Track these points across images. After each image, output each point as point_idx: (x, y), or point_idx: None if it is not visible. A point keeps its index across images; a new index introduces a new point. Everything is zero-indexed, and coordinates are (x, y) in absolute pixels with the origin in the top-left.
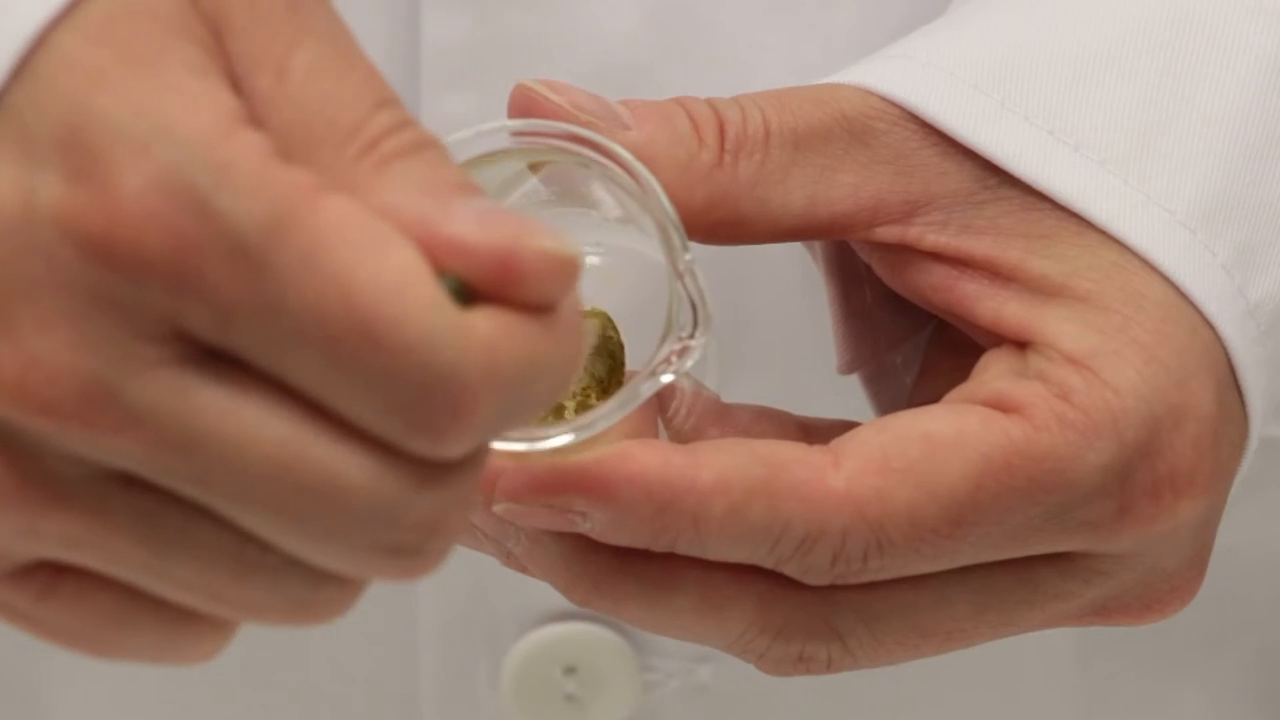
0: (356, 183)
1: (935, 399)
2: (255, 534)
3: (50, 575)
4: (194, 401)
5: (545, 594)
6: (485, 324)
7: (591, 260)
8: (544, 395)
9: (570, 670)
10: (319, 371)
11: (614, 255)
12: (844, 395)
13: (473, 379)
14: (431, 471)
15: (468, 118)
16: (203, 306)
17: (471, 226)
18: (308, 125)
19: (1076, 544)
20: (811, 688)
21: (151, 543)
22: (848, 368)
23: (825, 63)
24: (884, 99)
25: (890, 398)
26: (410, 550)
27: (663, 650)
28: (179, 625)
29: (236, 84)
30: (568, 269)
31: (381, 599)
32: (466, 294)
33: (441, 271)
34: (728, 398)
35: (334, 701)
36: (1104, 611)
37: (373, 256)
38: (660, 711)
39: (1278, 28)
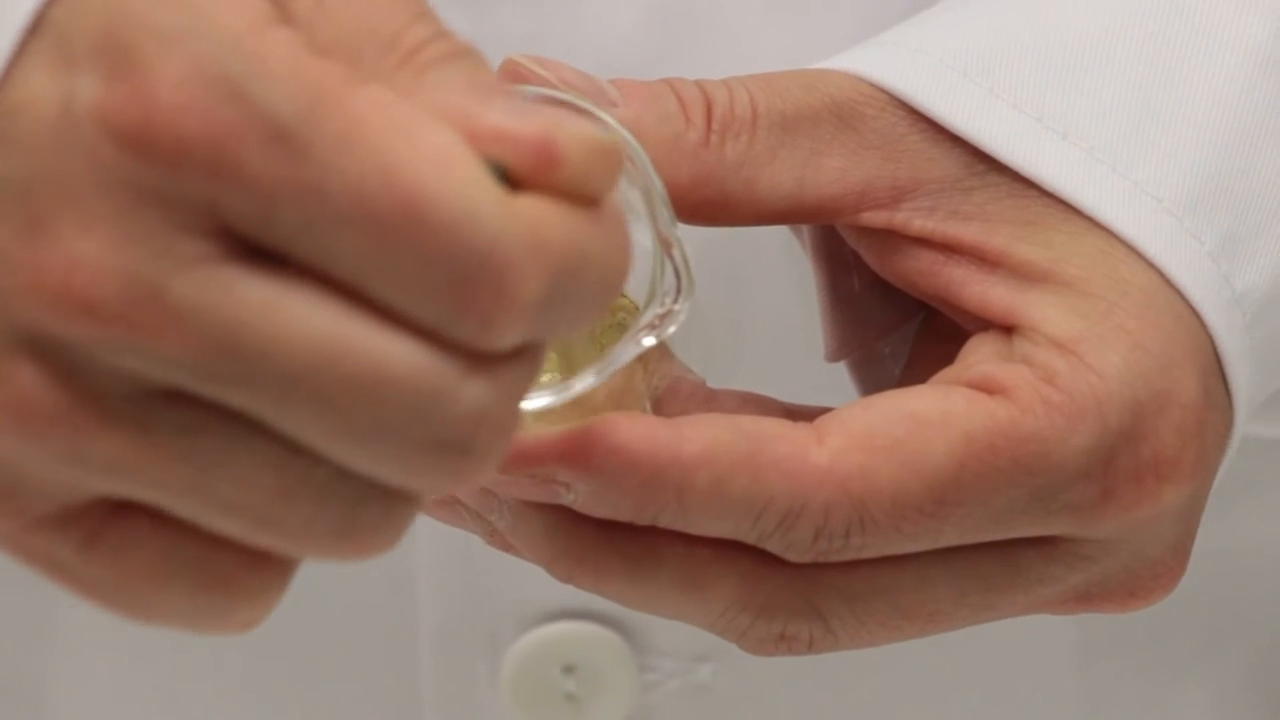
0: (397, 90)
1: None
2: (300, 441)
3: (95, 522)
4: (237, 296)
5: (545, 593)
6: (529, 206)
7: None
8: (594, 288)
9: (569, 669)
10: (362, 256)
11: None
12: (835, 391)
13: (517, 255)
14: (479, 361)
15: None
16: (243, 194)
17: (511, 116)
18: (347, 41)
19: (1059, 528)
20: (811, 687)
21: (196, 459)
22: (835, 355)
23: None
24: (873, 85)
25: (877, 387)
26: (458, 446)
27: (662, 649)
28: (219, 588)
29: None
30: (609, 156)
31: (381, 598)
32: (510, 186)
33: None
34: (718, 388)
35: (334, 701)
36: (1087, 598)
37: (412, 136)
38: (659, 710)
39: (1269, 18)
